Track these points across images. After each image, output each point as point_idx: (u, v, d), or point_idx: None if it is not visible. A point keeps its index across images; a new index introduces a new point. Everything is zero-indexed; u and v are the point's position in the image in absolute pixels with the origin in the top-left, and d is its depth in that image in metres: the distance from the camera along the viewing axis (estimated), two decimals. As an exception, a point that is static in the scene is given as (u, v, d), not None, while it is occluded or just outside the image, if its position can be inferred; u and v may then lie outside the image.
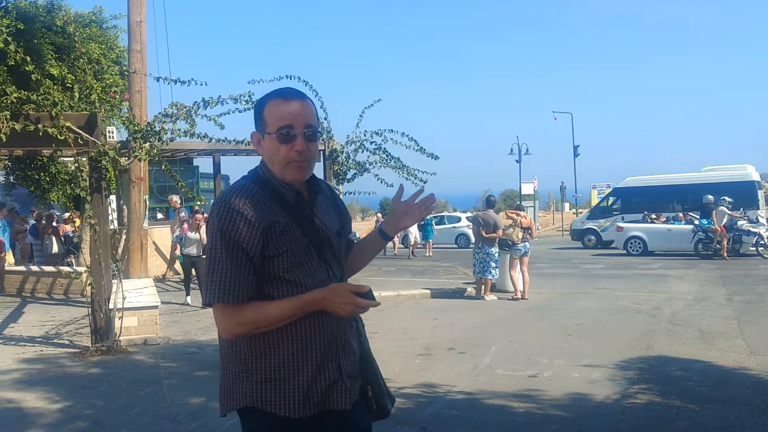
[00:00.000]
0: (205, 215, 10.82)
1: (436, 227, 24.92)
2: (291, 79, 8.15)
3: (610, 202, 25.96)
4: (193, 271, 11.56)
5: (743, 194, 21.63)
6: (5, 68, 11.89)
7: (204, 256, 9.37)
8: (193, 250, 11.27)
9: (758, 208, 21.50)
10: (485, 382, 6.31)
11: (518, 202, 17.08)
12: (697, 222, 19.90)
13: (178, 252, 11.82)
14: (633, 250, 21.10)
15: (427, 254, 22.60)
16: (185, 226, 11.53)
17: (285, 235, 2.02)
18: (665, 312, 10.17)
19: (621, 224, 22.98)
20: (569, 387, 6.07)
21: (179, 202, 14.29)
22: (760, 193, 22.54)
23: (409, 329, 9.15)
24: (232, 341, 2.08)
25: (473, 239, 13.48)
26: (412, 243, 22.68)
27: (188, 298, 11.39)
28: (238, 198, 2.01)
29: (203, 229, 10.64)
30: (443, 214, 30.69)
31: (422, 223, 21.48)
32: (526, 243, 12.28)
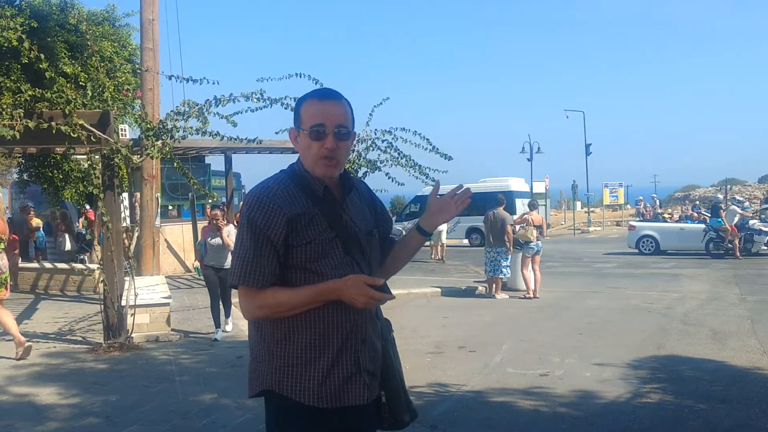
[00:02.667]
0: (224, 212, 9.07)
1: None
2: (301, 77, 8.14)
3: (413, 208, 27.94)
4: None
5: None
6: (19, 66, 11.97)
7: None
8: (215, 260, 8.51)
9: (515, 215, 25.35)
10: (496, 381, 6.31)
11: (530, 200, 16.99)
12: (708, 221, 19.79)
13: (197, 263, 9.62)
14: (645, 249, 20.99)
15: (432, 256, 19.88)
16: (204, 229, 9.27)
17: (310, 227, 2.10)
18: (677, 311, 10.12)
19: (634, 223, 22.89)
20: (580, 386, 6.05)
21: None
22: (519, 201, 25.65)
23: (420, 327, 9.15)
24: (258, 327, 2.18)
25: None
26: (442, 243, 19.67)
27: (218, 331, 8.41)
28: (268, 189, 2.13)
29: (225, 231, 8.48)
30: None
31: None
32: (539, 242, 12.26)
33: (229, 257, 8.28)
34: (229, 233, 8.49)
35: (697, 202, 40.39)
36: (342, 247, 2.15)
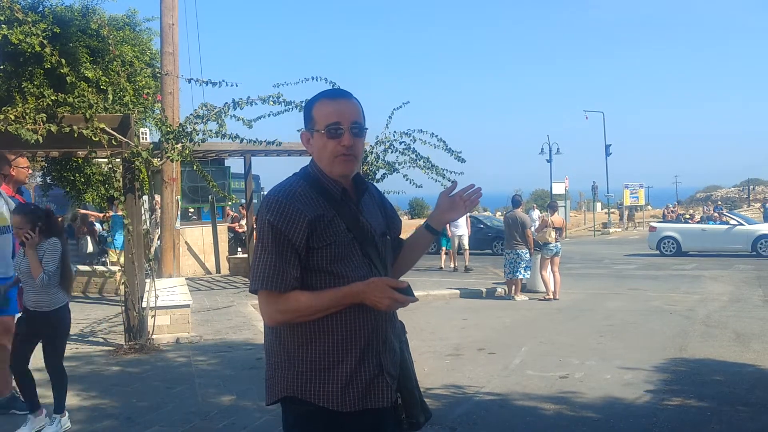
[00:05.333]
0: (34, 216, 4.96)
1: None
2: (317, 80, 8.16)
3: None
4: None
5: None
6: (42, 71, 12.12)
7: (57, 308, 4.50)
8: (31, 298, 4.86)
9: None
10: (515, 383, 6.27)
11: (550, 201, 16.90)
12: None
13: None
14: (666, 251, 20.79)
15: (452, 265, 17.21)
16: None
17: (330, 229, 2.10)
18: (699, 313, 10.01)
19: (654, 224, 22.71)
20: (601, 388, 6.01)
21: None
22: None
23: (439, 329, 9.14)
24: (276, 332, 2.16)
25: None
26: (454, 248, 17.15)
27: (31, 420, 4.96)
28: (286, 192, 2.11)
29: (40, 250, 4.78)
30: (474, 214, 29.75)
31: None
32: (558, 243, 12.20)
33: (52, 296, 4.86)
34: (46, 252, 4.80)
35: (719, 203, 39.84)
36: (360, 248, 2.15)
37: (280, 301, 2.09)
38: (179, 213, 14.06)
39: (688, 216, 24.48)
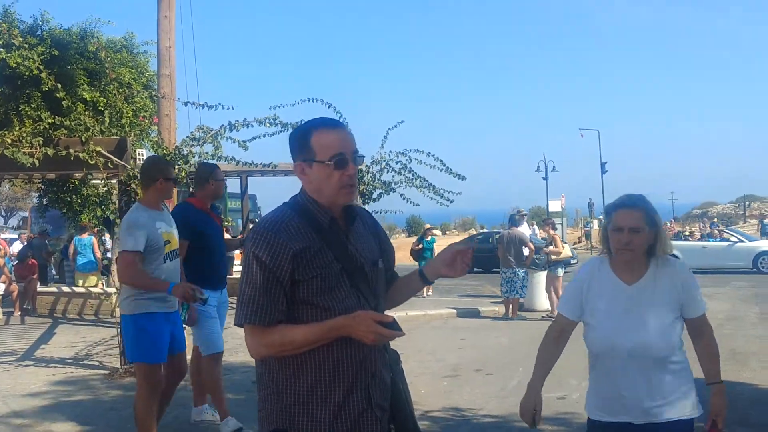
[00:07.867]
0: None
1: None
2: (313, 102, 8.22)
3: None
4: None
5: None
6: (39, 94, 12.17)
7: None
8: None
9: None
10: (513, 405, 6.18)
11: (545, 218, 16.84)
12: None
13: None
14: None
15: (425, 294, 15.13)
16: None
17: (316, 260, 2.07)
18: (697, 331, 9.98)
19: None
20: (598, 409, 5.97)
21: None
22: None
23: (436, 350, 9.10)
24: (266, 364, 2.16)
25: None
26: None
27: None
28: (272, 224, 2.10)
29: None
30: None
31: (419, 247, 16.47)
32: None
33: None
34: None
35: (715, 219, 39.85)
36: (348, 279, 2.12)
37: (265, 335, 2.08)
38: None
39: (688, 233, 24.48)
